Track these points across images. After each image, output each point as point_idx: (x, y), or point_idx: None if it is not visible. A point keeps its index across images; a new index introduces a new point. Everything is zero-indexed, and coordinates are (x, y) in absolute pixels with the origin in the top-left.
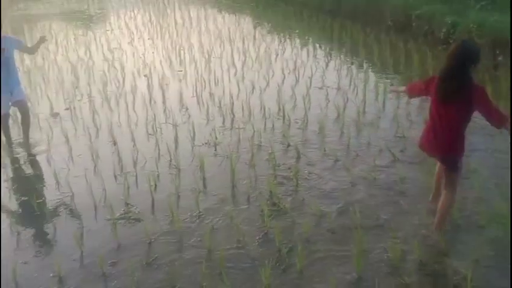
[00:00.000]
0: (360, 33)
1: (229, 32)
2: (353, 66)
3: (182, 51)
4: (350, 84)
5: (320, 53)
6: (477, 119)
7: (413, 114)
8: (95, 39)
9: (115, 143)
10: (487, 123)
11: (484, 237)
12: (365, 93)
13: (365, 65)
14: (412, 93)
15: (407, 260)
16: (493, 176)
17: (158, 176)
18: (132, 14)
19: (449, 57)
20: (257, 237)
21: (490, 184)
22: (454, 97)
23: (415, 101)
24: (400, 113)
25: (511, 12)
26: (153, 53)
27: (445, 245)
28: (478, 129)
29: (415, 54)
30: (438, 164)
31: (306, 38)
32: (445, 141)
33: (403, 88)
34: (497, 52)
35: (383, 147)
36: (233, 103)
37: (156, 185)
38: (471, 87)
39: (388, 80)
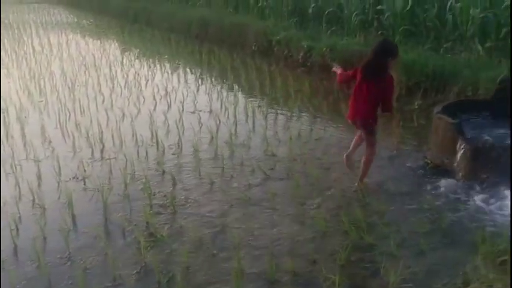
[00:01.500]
0: (227, 58)
1: (95, 59)
2: (223, 90)
3: (42, 80)
4: (221, 107)
5: (190, 77)
6: (333, 135)
7: (280, 133)
8: None
9: None
10: (344, 137)
11: (347, 242)
12: (236, 115)
13: (234, 88)
14: (341, 81)
15: (281, 272)
16: (351, 185)
17: (20, 218)
18: None
19: (372, 51)
20: (135, 271)
21: (349, 192)
22: (373, 77)
23: (282, 120)
24: (269, 132)
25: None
26: (8, 83)
27: (314, 253)
28: (335, 143)
29: (278, 77)
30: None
31: (176, 63)
32: (364, 110)
33: (338, 70)
34: None
35: (255, 167)
36: (102, 132)
37: (17, 229)
38: (386, 74)
39: (256, 102)
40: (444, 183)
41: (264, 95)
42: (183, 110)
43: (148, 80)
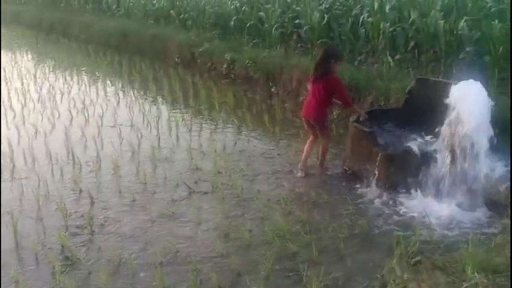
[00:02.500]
0: (149, 70)
1: (5, 72)
2: (145, 102)
3: None
4: (143, 121)
5: (110, 90)
6: (257, 147)
7: (204, 146)
8: None
9: None
10: (267, 148)
11: (271, 252)
12: (158, 128)
13: (157, 100)
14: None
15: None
16: (275, 195)
17: None
18: None
19: (319, 55)
20: None
21: (272, 203)
22: (319, 80)
23: (206, 133)
24: (193, 145)
25: None
26: None
27: (239, 266)
28: (259, 154)
29: (202, 88)
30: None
31: (94, 75)
32: (314, 109)
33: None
34: (270, 84)
35: (179, 181)
36: (13, 151)
37: None
38: (329, 76)
39: (180, 114)
40: (361, 189)
41: (188, 107)
42: (102, 125)
43: (64, 94)
